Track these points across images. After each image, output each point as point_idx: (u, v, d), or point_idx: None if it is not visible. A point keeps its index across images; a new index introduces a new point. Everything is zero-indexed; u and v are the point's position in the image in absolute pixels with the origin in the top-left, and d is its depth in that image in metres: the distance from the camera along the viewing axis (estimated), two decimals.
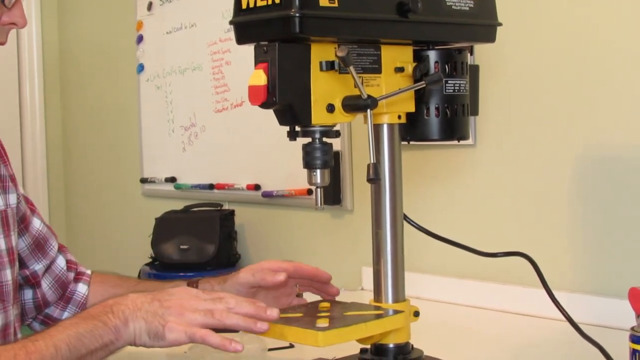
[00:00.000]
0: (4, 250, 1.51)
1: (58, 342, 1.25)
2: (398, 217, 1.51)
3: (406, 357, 1.48)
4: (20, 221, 1.61)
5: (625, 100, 1.96)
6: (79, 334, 1.27)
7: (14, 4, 1.41)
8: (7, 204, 1.55)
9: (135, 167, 3.42)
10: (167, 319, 1.30)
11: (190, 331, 1.29)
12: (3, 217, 1.53)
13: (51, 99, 3.87)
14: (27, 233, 1.63)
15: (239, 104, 2.93)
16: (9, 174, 1.58)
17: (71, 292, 1.71)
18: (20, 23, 1.44)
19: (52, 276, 1.68)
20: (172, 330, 1.29)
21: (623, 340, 1.43)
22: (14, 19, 1.43)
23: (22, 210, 1.62)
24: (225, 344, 1.28)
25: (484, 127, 2.21)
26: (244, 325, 1.32)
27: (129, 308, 1.31)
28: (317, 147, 1.41)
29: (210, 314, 1.32)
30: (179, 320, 1.30)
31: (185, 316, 1.30)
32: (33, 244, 1.64)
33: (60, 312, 1.70)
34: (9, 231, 1.53)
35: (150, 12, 3.30)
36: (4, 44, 1.46)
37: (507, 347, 1.84)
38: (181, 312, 1.31)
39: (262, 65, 1.34)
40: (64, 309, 1.70)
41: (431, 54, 1.50)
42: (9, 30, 1.46)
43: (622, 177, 1.97)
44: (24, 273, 1.64)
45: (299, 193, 2.69)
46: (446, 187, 2.32)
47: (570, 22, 2.05)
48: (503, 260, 1.65)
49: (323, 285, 1.64)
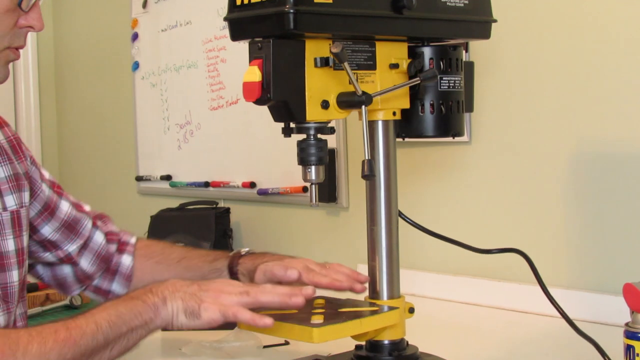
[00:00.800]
0: (12, 251, 1.52)
1: (99, 319, 1.29)
2: (393, 214, 1.51)
3: (401, 353, 1.48)
4: (43, 209, 1.63)
5: (620, 97, 1.96)
6: (119, 312, 1.31)
7: (31, 8, 1.42)
8: (21, 202, 1.56)
9: (130, 165, 3.42)
10: (203, 299, 1.34)
11: (224, 310, 1.32)
12: (15, 217, 1.53)
13: (46, 97, 3.86)
14: (54, 218, 1.66)
15: (235, 101, 2.93)
16: (23, 170, 1.58)
17: (116, 265, 1.75)
18: (37, 26, 1.45)
19: (91, 253, 1.71)
20: (207, 309, 1.33)
21: (618, 336, 1.43)
22: (31, 22, 1.44)
23: (44, 197, 1.64)
24: (255, 319, 1.31)
25: (479, 123, 2.21)
26: (278, 300, 1.35)
27: (168, 289, 1.35)
28: (312, 144, 1.41)
29: (246, 293, 1.35)
30: (214, 301, 1.34)
31: (221, 297, 1.34)
32: (63, 226, 1.67)
33: (109, 284, 1.75)
34: (20, 232, 1.54)
35: (145, 9, 3.30)
36: (23, 47, 1.48)
37: (502, 344, 1.84)
38: (218, 294, 1.35)
39: (257, 62, 1.34)
40: (112, 280, 1.75)
41: (426, 50, 1.51)
42: (27, 33, 1.47)
43: (616, 174, 1.98)
44: (59, 255, 1.68)
45: (295, 190, 2.69)
46: (441, 183, 2.32)
47: (564, 18, 2.05)
48: (498, 257, 1.65)
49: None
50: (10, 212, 1.52)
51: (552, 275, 1.86)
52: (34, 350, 1.22)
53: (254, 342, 1.80)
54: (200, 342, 1.81)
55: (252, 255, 1.66)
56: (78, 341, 1.25)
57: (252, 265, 1.62)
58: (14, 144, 1.59)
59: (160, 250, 1.77)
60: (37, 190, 1.63)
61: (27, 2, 1.41)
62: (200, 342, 1.81)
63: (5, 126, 1.60)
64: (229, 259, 1.67)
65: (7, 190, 1.53)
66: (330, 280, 1.48)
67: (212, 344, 1.80)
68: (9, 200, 1.53)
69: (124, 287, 1.75)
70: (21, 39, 1.46)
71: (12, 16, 1.41)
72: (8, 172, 1.54)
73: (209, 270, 1.68)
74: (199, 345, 1.81)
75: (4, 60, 1.44)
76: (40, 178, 1.65)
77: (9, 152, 1.56)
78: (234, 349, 1.79)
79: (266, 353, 1.79)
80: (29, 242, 1.62)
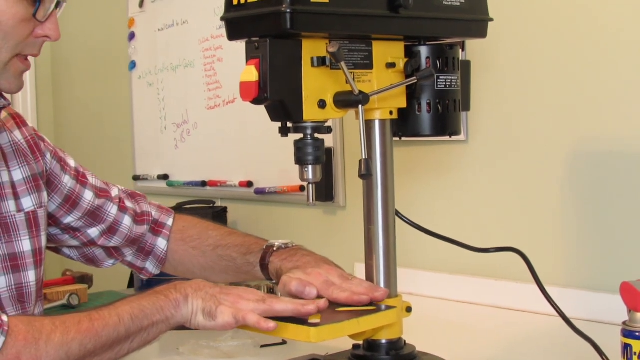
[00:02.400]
0: (29, 251, 1.52)
1: (122, 312, 1.31)
2: (390, 213, 1.51)
3: (399, 352, 1.48)
4: (64, 201, 1.64)
5: (617, 96, 1.96)
6: (142, 306, 1.33)
7: (48, 18, 1.41)
8: (40, 202, 1.56)
9: (127, 164, 3.42)
10: (222, 302, 1.36)
11: (237, 313, 1.34)
12: (31, 217, 1.53)
13: (43, 96, 3.86)
14: (76, 209, 1.66)
15: (231, 100, 2.93)
16: (40, 170, 1.58)
17: (151, 247, 1.76)
18: (53, 36, 1.44)
19: (120, 237, 1.72)
20: (223, 312, 1.35)
21: (615, 335, 1.43)
22: (48, 32, 1.43)
23: (65, 191, 1.64)
24: (260, 323, 1.33)
25: (476, 122, 2.21)
26: (292, 308, 1.36)
27: (192, 287, 1.38)
28: (309, 143, 1.41)
29: (262, 300, 1.37)
30: (231, 305, 1.35)
31: (239, 303, 1.36)
32: (86, 215, 1.68)
33: (143, 262, 1.77)
34: (38, 232, 1.54)
35: (142, 9, 3.30)
36: (37, 55, 1.47)
37: (500, 343, 1.84)
38: (237, 299, 1.37)
39: (254, 62, 1.34)
40: (145, 260, 1.77)
41: (422, 49, 1.51)
42: (43, 42, 1.46)
43: (614, 173, 1.98)
44: (82, 239, 1.69)
45: (292, 190, 2.69)
46: (438, 182, 2.32)
47: (561, 17, 2.05)
48: (495, 256, 1.65)
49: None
50: (25, 213, 1.52)
51: (550, 274, 1.86)
52: (56, 339, 1.24)
53: (251, 342, 1.81)
54: (198, 342, 1.81)
55: (283, 251, 1.63)
56: (100, 332, 1.28)
57: (279, 266, 1.61)
58: (31, 144, 1.59)
59: (197, 234, 1.77)
60: (58, 184, 1.63)
61: (43, 12, 1.39)
62: (197, 341, 1.81)
63: (24, 126, 1.61)
64: (261, 253, 1.66)
65: (24, 192, 1.53)
66: (350, 295, 1.46)
67: (210, 344, 1.80)
68: (27, 201, 1.53)
69: (157, 268, 1.77)
70: (36, 47, 1.45)
71: (28, 26, 1.39)
72: (26, 173, 1.54)
73: (242, 262, 1.68)
74: (196, 344, 1.81)
75: (15, 71, 1.42)
76: (63, 170, 1.65)
77: (26, 153, 1.57)
78: (232, 348, 1.80)
79: (263, 352, 1.79)
80: (52, 230, 1.65)
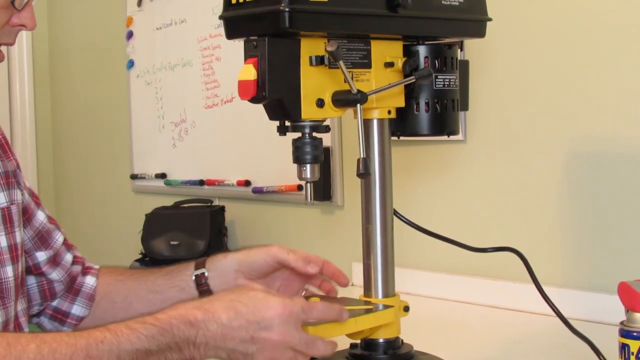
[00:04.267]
0: (5, 247, 1.51)
1: (124, 354, 1.19)
2: (388, 213, 1.51)
3: (396, 351, 1.48)
4: (22, 213, 1.60)
5: (615, 96, 1.97)
6: (147, 351, 1.20)
7: (24, 6, 1.41)
8: (12, 199, 1.54)
9: (125, 163, 3.42)
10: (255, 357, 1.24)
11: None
12: (5, 214, 1.52)
13: (41, 95, 3.86)
14: (29, 226, 1.63)
15: (229, 99, 2.92)
16: (12, 169, 1.58)
17: (79, 284, 1.71)
18: (29, 25, 1.43)
19: (63, 270, 1.67)
20: None
21: (612, 335, 1.43)
22: (24, 20, 1.42)
23: (24, 204, 1.62)
24: None
25: (474, 122, 2.21)
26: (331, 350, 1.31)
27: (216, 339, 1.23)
28: (307, 142, 1.40)
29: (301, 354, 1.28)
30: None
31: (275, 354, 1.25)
32: (36, 236, 1.64)
33: (70, 305, 1.70)
34: (11, 228, 1.53)
35: (140, 7, 3.29)
36: (12, 44, 1.46)
37: (497, 342, 1.84)
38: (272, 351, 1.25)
39: (252, 60, 1.34)
40: (73, 301, 1.70)
41: (421, 49, 1.51)
42: (18, 31, 1.45)
43: (611, 173, 1.98)
44: (27, 263, 1.63)
45: (289, 189, 2.69)
46: (436, 182, 2.32)
47: (559, 17, 2.05)
48: (493, 256, 1.65)
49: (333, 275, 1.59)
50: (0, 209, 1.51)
51: (547, 274, 1.86)
52: None
53: None
54: None
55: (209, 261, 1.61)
56: None
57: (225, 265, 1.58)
58: (2, 143, 1.58)
59: (122, 270, 1.75)
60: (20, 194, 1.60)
61: (20, 0, 1.40)
62: None
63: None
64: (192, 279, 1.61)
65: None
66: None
67: None
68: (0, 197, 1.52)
69: (86, 308, 1.69)
70: (11, 36, 1.44)
71: (5, 14, 1.40)
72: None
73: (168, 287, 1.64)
74: None
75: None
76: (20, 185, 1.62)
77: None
78: None
79: None
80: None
